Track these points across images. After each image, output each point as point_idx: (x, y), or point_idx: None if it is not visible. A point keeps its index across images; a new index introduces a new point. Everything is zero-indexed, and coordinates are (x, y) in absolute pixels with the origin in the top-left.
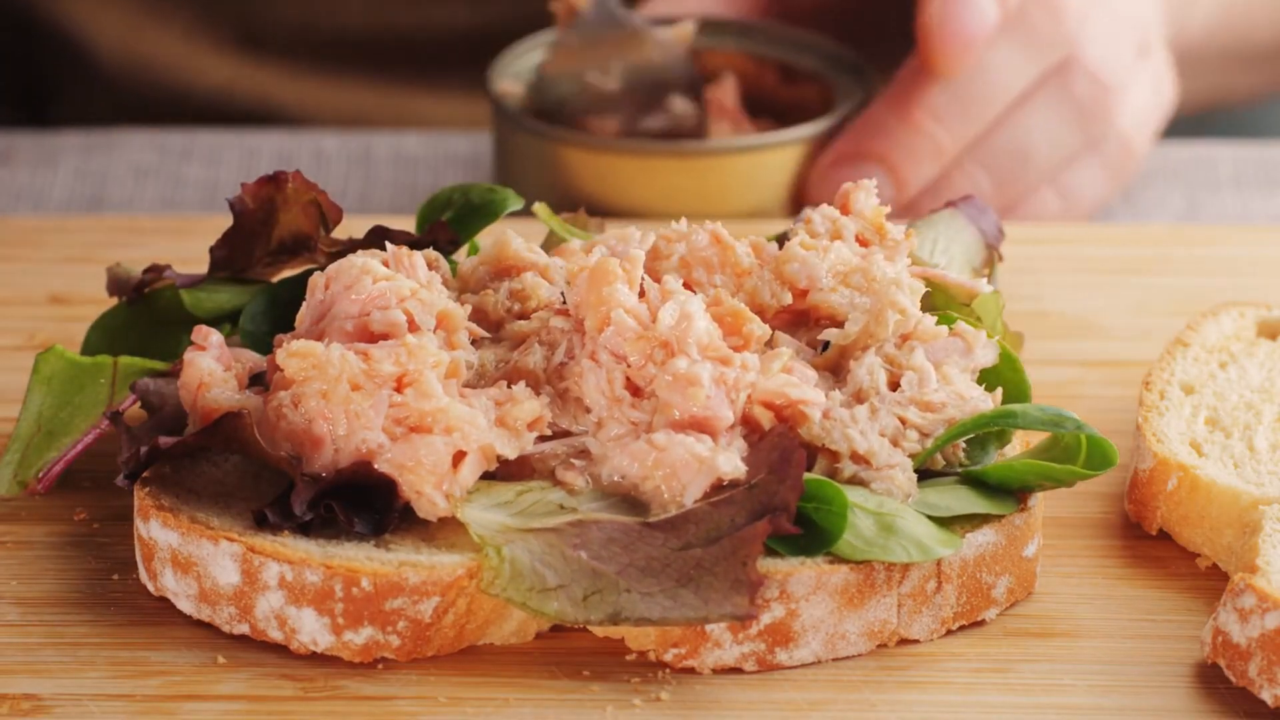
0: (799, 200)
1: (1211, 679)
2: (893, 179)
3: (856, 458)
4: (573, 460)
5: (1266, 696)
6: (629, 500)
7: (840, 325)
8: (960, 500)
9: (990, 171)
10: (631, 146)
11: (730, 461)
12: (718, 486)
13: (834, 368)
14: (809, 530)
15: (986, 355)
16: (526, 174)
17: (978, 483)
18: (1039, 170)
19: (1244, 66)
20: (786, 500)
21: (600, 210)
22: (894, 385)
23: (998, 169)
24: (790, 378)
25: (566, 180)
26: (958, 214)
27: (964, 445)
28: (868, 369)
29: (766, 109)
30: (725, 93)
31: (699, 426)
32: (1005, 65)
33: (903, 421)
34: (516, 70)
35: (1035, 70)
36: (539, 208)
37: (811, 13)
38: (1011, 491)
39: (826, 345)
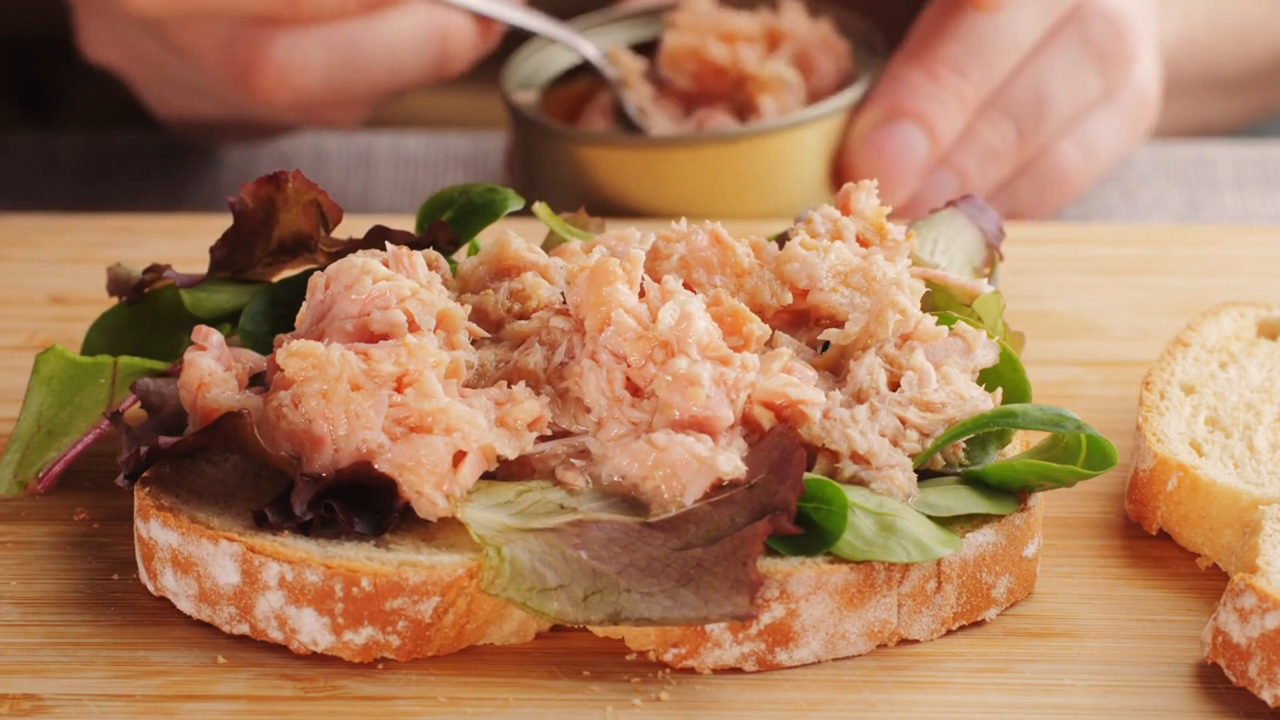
0: (840, 173)
1: (1211, 679)
2: (927, 133)
3: (856, 458)
4: (573, 460)
5: (1266, 696)
6: (629, 500)
7: (840, 325)
8: (960, 500)
9: (1013, 120)
10: (667, 140)
11: (730, 461)
12: (718, 486)
13: (834, 368)
14: (809, 530)
15: (987, 355)
16: (552, 177)
17: (978, 483)
18: (1060, 117)
19: (1215, 94)
20: (786, 500)
21: (628, 208)
22: (894, 385)
23: (1020, 117)
24: (790, 378)
25: (601, 181)
26: (958, 213)
27: (964, 445)
28: (868, 369)
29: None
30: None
31: (699, 426)
32: (1017, 16)
33: (903, 422)
34: (526, 74)
35: (1047, 18)
36: (539, 208)
37: None
38: (1011, 491)
39: (827, 345)
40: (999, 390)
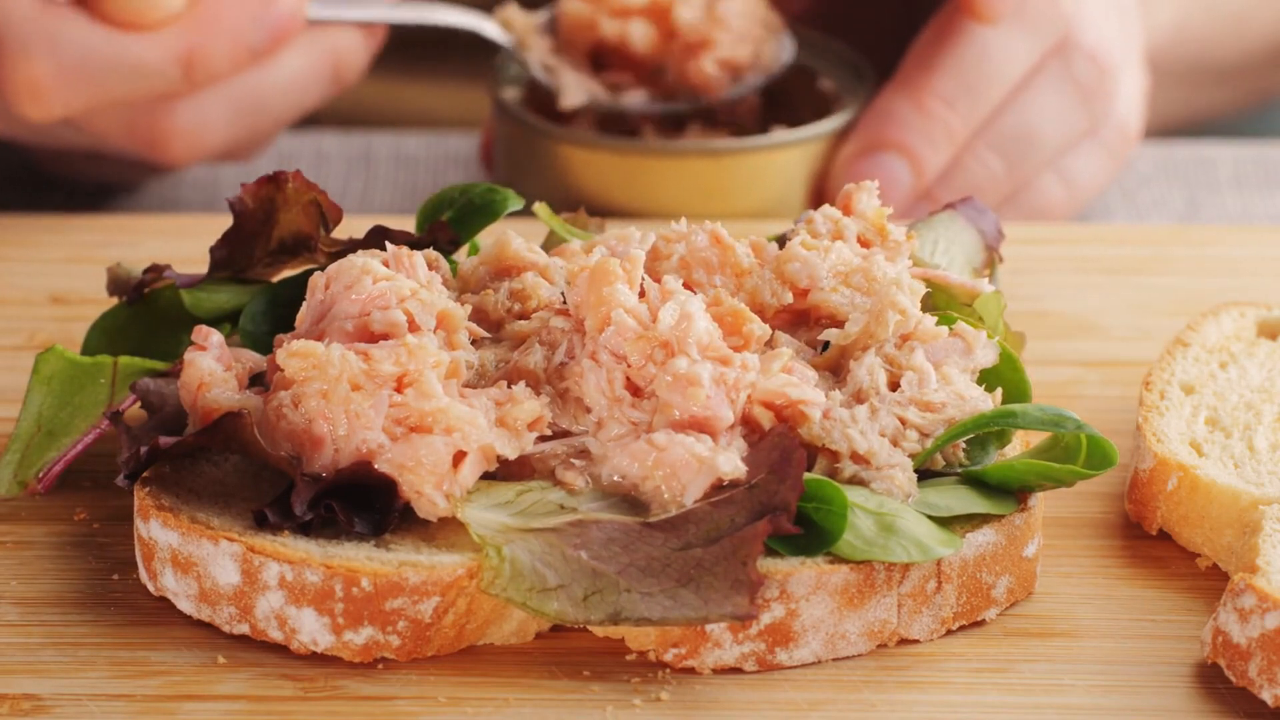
0: (819, 196)
1: (1211, 679)
2: (912, 166)
3: (856, 458)
4: (573, 460)
5: (1266, 696)
6: (629, 500)
7: (841, 325)
8: (960, 500)
9: (1001, 154)
10: (646, 147)
11: (730, 461)
12: (718, 486)
13: (834, 368)
14: (809, 530)
15: (987, 355)
16: (535, 174)
17: (978, 483)
18: (1046, 152)
19: (1208, 82)
20: (786, 500)
21: (607, 209)
22: (894, 385)
23: (1007, 151)
24: (790, 378)
25: (584, 182)
26: (957, 215)
27: (964, 445)
28: (868, 369)
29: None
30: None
31: (699, 426)
32: (1007, 48)
33: (903, 422)
34: (516, 70)
35: (1036, 51)
36: (539, 208)
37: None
38: (1011, 491)
39: (827, 345)
40: (999, 390)
